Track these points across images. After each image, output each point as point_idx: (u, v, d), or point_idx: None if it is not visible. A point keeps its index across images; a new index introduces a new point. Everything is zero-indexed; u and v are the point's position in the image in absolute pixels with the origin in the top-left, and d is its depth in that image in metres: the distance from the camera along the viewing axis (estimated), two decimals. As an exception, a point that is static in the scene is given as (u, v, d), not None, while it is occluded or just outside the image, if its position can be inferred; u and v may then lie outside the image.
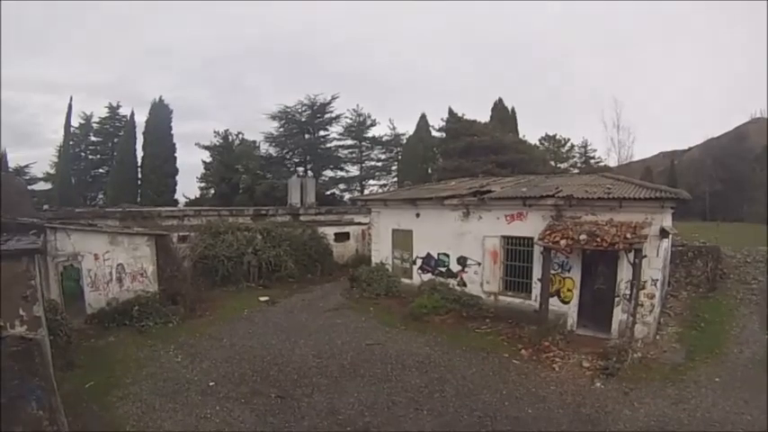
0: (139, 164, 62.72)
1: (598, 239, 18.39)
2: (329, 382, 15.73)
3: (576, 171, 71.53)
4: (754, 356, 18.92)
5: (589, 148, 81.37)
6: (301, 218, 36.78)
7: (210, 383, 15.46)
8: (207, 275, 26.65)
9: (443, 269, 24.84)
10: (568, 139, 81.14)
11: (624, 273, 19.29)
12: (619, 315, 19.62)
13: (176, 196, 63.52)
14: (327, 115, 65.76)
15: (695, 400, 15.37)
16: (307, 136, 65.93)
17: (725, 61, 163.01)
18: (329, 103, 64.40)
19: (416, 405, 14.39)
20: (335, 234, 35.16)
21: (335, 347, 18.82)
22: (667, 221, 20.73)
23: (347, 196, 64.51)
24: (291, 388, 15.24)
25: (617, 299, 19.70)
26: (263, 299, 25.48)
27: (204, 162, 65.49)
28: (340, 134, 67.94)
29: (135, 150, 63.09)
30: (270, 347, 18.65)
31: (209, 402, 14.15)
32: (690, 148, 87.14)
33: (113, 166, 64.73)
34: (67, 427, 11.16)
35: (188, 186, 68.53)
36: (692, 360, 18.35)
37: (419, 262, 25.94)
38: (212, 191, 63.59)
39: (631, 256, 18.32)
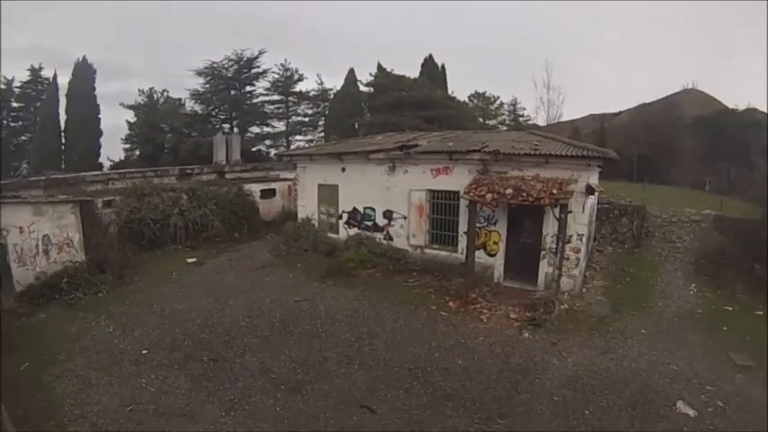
0: (63, 128, 60.36)
1: (524, 194, 18.38)
2: (260, 342, 15.63)
3: (505, 128, 72.01)
4: (679, 310, 19.47)
5: (518, 106, 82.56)
6: (227, 176, 35.84)
7: (143, 352, 15.04)
8: (134, 240, 25.65)
9: (369, 223, 24.62)
10: (498, 97, 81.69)
11: (550, 227, 19.44)
12: (545, 268, 19.86)
13: (101, 160, 61.49)
14: (254, 70, 63.87)
15: (622, 350, 15.71)
16: (233, 92, 64.10)
17: (662, 31, 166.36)
18: (256, 57, 62.53)
19: (347, 360, 14.49)
20: (261, 191, 34.35)
21: (265, 306, 18.50)
22: (594, 179, 20.87)
23: (273, 152, 63.05)
24: (223, 350, 15.07)
25: (543, 252, 19.92)
26: (190, 260, 24.76)
27: (129, 123, 62.69)
28: (267, 89, 66.09)
29: (58, 114, 60.67)
30: (200, 310, 18.16)
31: (143, 372, 13.81)
32: (620, 112, 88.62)
33: (36, 133, 62.31)
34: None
35: (114, 149, 65.82)
36: (617, 312, 18.74)
37: (345, 217, 25.63)
38: (137, 152, 61.20)
39: (557, 211, 18.39)
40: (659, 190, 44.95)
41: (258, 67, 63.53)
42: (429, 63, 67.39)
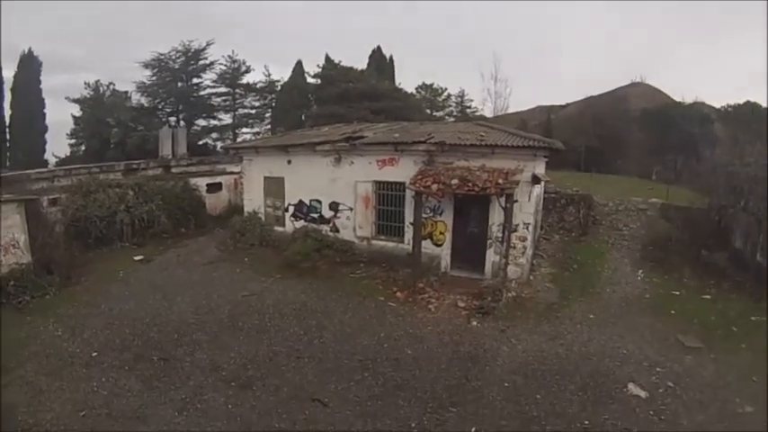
0: (8, 124, 57.85)
1: (470, 184, 18.43)
2: (209, 339, 15.47)
3: (452, 119, 72.24)
4: (626, 296, 19.90)
5: (466, 98, 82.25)
6: (173, 170, 34.97)
7: (93, 354, 14.67)
8: (80, 239, 24.72)
9: (316, 216, 24.37)
10: (445, 89, 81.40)
11: (496, 216, 19.61)
12: (492, 257, 20.05)
13: (46, 156, 59.31)
14: (202, 62, 62.44)
15: (571, 335, 15.98)
16: (180, 84, 62.37)
17: (610, 25, 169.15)
18: (204, 49, 61.17)
19: (297, 354, 14.48)
20: (207, 185, 33.75)
21: (213, 302, 18.24)
22: (540, 169, 21.15)
23: (220, 145, 62.03)
24: (173, 348, 14.87)
25: (489, 241, 20.06)
26: (137, 258, 24.13)
27: (74, 117, 60.52)
28: (214, 82, 64.48)
29: (2, 109, 57.94)
30: (148, 308, 17.79)
31: (94, 374, 13.50)
32: (568, 105, 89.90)
33: (-21, 129, 59.93)
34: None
35: (59, 145, 63.39)
36: (566, 299, 19.07)
37: (291, 209, 25.28)
38: (83, 147, 59.26)
39: (503, 200, 18.43)
40: (606, 179, 45.73)
41: (206, 58, 62.25)
42: (377, 55, 67.33)
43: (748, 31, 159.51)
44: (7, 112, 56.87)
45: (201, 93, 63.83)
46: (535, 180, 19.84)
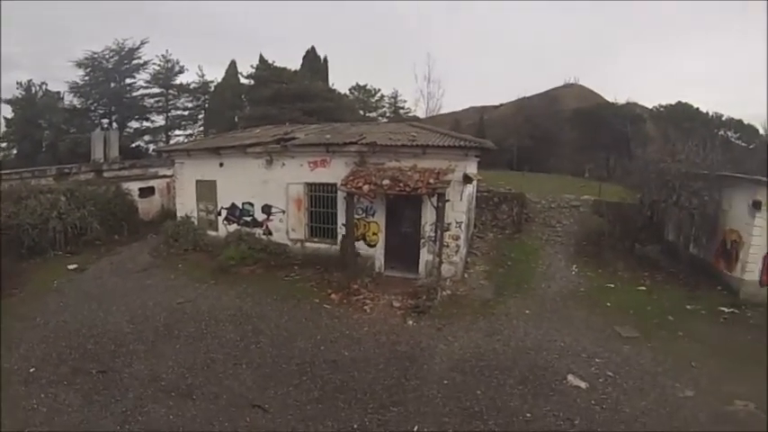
0: None
1: (401, 184, 18.50)
2: (146, 348, 15.03)
3: (385, 120, 72.70)
4: (561, 290, 20.38)
5: (399, 98, 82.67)
6: (105, 174, 34.08)
7: (31, 370, 14.00)
8: (12, 248, 23.94)
9: (249, 219, 24.09)
10: (379, 90, 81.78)
11: (429, 216, 19.73)
12: (425, 256, 20.18)
13: (-22, 161, 57.10)
14: (135, 62, 61.14)
15: (508, 331, 16.21)
16: (113, 84, 60.86)
17: (545, 27, 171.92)
18: (138, 48, 59.96)
19: (234, 360, 14.28)
20: (140, 189, 32.95)
21: (148, 310, 17.75)
22: (471, 168, 21.37)
23: (152, 148, 60.91)
24: (111, 360, 14.36)
25: (422, 241, 20.20)
26: (71, 267, 23.29)
27: (6, 119, 58.53)
28: (147, 82, 63.25)
29: None
30: (84, 319, 17.17)
31: (33, 391, 12.86)
32: (501, 105, 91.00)
33: None
34: None
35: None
36: (501, 295, 19.32)
37: (224, 213, 24.93)
38: (14, 151, 57.59)
39: (435, 200, 18.54)
40: (539, 178, 46.71)
41: (139, 58, 61.07)
42: (311, 55, 67.23)
43: (683, 34, 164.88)
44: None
45: (134, 93, 62.56)
46: (466, 179, 19.99)
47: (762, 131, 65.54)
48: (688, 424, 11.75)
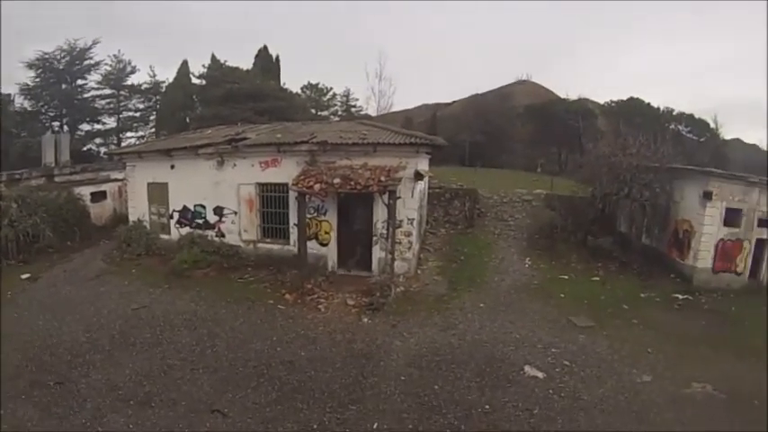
0: None
1: (352, 183, 18.63)
2: (103, 357, 14.66)
3: (337, 119, 72.37)
4: (515, 283, 20.80)
5: (351, 97, 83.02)
6: (56, 179, 33.48)
7: None
8: None
9: (201, 221, 23.87)
10: (331, 88, 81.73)
11: (380, 214, 19.85)
12: (378, 254, 20.34)
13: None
14: (87, 62, 59.99)
15: (463, 325, 16.44)
16: (64, 86, 59.56)
17: (497, 23, 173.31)
18: (90, 48, 58.93)
19: (191, 365, 14.07)
20: (92, 194, 32.19)
21: (103, 318, 17.39)
22: (422, 165, 21.60)
23: (104, 151, 59.66)
24: (67, 370, 13.98)
25: (375, 238, 20.35)
26: (24, 276, 22.59)
27: None
28: (98, 83, 62.09)
29: None
30: (39, 330, 16.72)
31: None
32: (453, 102, 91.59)
33: None
34: None
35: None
36: (455, 290, 19.62)
37: (176, 216, 24.66)
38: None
39: (386, 197, 18.66)
40: (491, 173, 47.12)
41: (91, 58, 60.02)
42: (263, 54, 67.00)
43: (635, 31, 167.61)
44: None
45: (86, 95, 61.40)
46: (418, 176, 20.23)
47: (712, 125, 67.20)
48: (647, 408, 12.12)
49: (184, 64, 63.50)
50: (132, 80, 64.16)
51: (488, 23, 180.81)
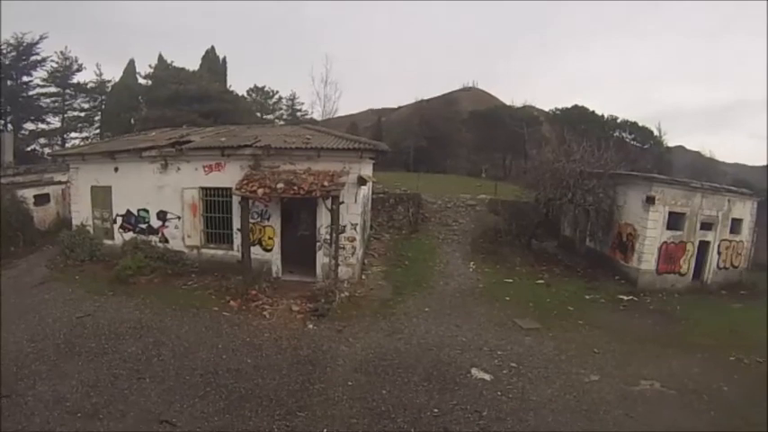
0: None
1: (296, 188, 18.69)
2: (49, 368, 14.29)
3: (282, 123, 72.18)
4: (460, 287, 21.18)
5: (297, 100, 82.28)
6: (1, 180, 32.95)
7: None
8: None
9: (144, 226, 23.51)
10: (277, 92, 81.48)
11: (324, 219, 20.04)
12: (322, 259, 20.48)
13: None
14: (33, 57, 57.55)
15: (408, 329, 16.70)
16: (9, 82, 56.70)
17: (444, 30, 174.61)
18: (36, 43, 56.40)
19: (138, 374, 13.81)
20: (35, 197, 31.35)
21: (48, 326, 16.99)
22: (366, 170, 21.66)
23: (47, 152, 57.33)
24: (13, 382, 13.55)
25: (318, 244, 20.49)
26: None
27: None
28: (44, 80, 59.87)
29: None
30: None
31: None
32: (399, 108, 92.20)
33: None
34: None
35: None
36: (400, 295, 19.92)
37: (119, 220, 24.20)
38: None
39: (329, 202, 18.85)
40: (436, 179, 47.47)
41: (38, 54, 57.58)
42: (210, 55, 66.78)
43: (580, 38, 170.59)
44: None
45: (31, 92, 59.22)
46: (361, 181, 20.40)
47: (656, 132, 68.81)
48: (596, 406, 12.50)
49: (131, 63, 62.63)
50: (78, 78, 62.37)
51: (435, 28, 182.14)
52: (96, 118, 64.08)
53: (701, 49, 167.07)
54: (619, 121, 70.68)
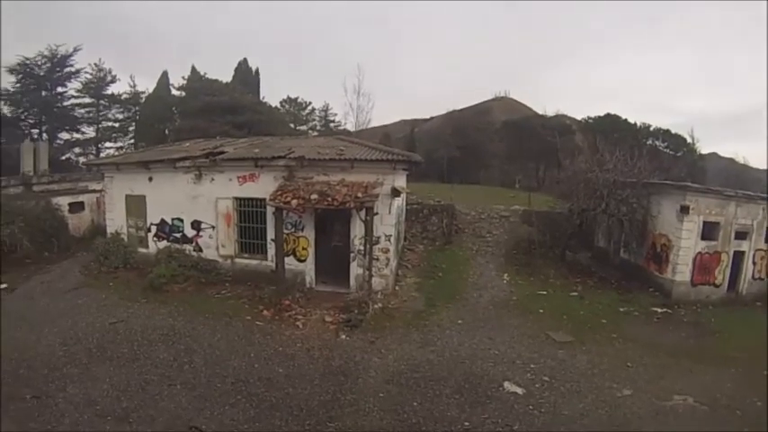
0: None
1: (329, 199, 18.63)
2: (80, 371, 14.45)
3: (316, 134, 72.03)
4: (493, 299, 20.82)
5: (330, 111, 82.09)
6: (35, 188, 33.17)
7: None
8: None
9: (178, 235, 23.67)
10: (309, 103, 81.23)
11: (358, 230, 19.97)
12: (356, 270, 20.36)
13: None
14: (68, 69, 58.14)
15: (441, 341, 16.44)
16: (44, 93, 57.90)
17: (475, 43, 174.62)
18: (71, 55, 57.08)
19: (169, 381, 13.88)
20: (70, 204, 31.83)
21: (80, 331, 17.14)
22: (400, 181, 21.52)
23: (82, 161, 57.23)
24: (44, 384, 13.74)
25: (352, 255, 20.35)
26: (1, 287, 22.33)
27: None
28: (78, 91, 60.31)
29: None
30: (15, 343, 16.36)
31: None
32: (432, 118, 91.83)
33: None
34: None
35: None
36: (433, 306, 19.62)
37: (154, 229, 24.41)
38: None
39: (363, 214, 18.77)
40: (469, 189, 47.05)
41: (72, 65, 58.23)
42: (243, 67, 66.82)
43: (610, 47, 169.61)
44: None
45: (65, 103, 59.93)
46: (395, 192, 20.30)
47: (689, 140, 67.89)
48: (628, 422, 12.27)
49: (164, 75, 63.01)
50: (112, 89, 62.86)
51: (467, 40, 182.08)
52: (130, 128, 64.58)
53: (724, 55, 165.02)
54: (652, 129, 69.51)
